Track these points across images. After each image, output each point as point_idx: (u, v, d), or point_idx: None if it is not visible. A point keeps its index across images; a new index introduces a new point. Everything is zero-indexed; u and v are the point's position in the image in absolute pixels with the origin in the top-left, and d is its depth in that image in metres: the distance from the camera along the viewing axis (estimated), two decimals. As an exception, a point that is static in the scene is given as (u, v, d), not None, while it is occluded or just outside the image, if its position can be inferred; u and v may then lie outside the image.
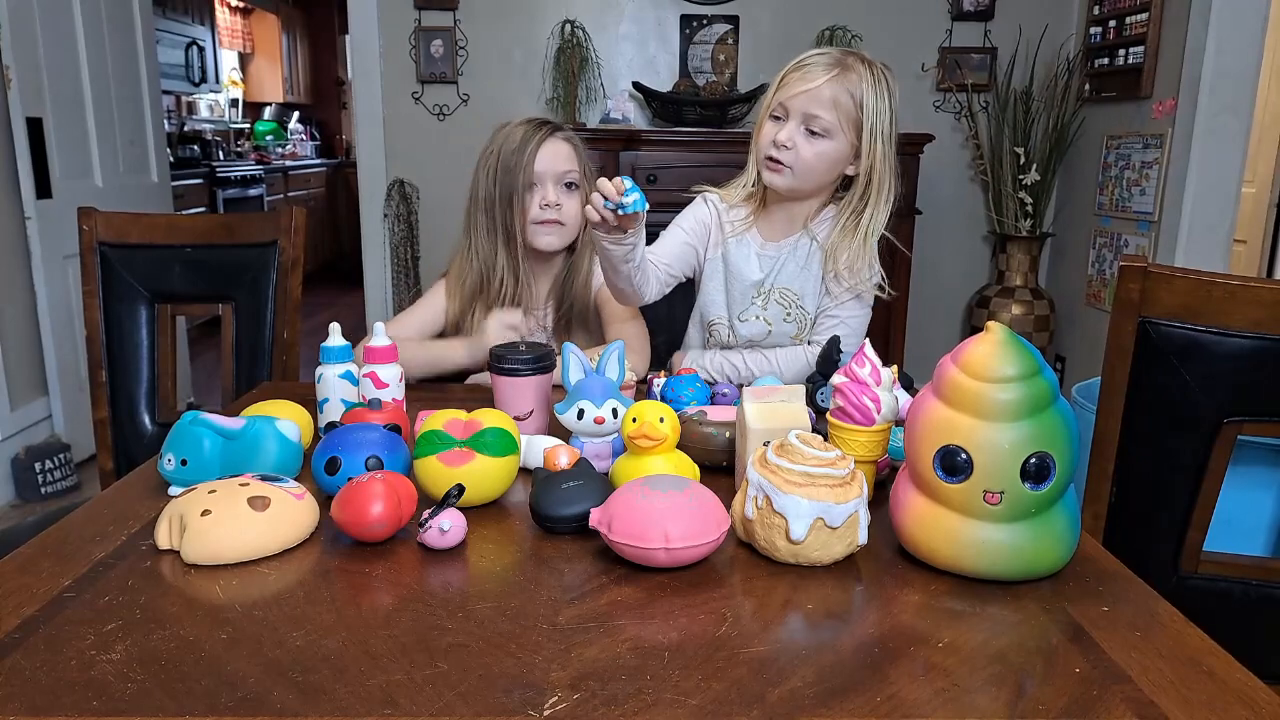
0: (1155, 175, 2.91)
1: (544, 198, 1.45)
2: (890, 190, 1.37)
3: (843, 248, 1.39)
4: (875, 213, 1.37)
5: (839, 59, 1.32)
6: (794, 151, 1.33)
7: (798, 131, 1.32)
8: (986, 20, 3.42)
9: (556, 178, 1.46)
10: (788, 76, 1.34)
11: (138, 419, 1.57)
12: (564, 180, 1.47)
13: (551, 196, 1.45)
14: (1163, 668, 0.63)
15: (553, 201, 1.45)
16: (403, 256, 3.55)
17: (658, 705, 0.58)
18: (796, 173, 1.34)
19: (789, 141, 1.32)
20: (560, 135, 1.48)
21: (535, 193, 1.46)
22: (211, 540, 0.76)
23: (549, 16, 3.41)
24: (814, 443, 0.78)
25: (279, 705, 0.57)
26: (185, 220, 1.70)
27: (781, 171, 1.35)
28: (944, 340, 3.54)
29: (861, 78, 1.31)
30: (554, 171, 1.46)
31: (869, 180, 1.36)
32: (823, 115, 1.30)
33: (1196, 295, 1.00)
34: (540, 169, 1.45)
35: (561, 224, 1.47)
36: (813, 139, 1.32)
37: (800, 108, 1.31)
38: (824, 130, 1.31)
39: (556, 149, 1.46)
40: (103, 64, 3.08)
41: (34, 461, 2.72)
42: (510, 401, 1.08)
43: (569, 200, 1.47)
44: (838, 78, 1.30)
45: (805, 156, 1.33)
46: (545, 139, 1.45)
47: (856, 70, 1.31)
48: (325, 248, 6.89)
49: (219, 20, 6.41)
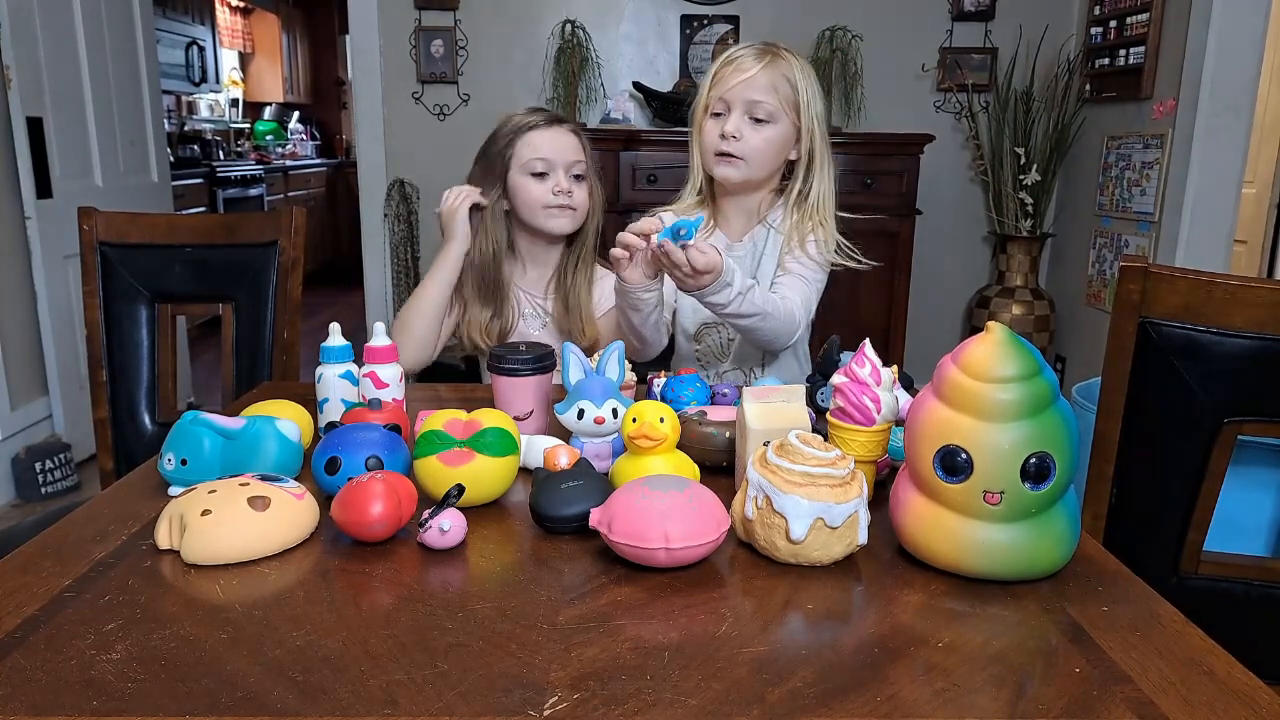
0: (1155, 175, 2.91)
1: (556, 184, 1.47)
2: (830, 165, 1.41)
3: (800, 227, 1.41)
4: (821, 187, 1.41)
5: (766, 48, 1.38)
6: (743, 142, 1.35)
7: (743, 121, 1.35)
8: (987, 20, 3.42)
9: (567, 166, 1.48)
10: (720, 72, 1.38)
11: (138, 419, 1.57)
12: (573, 171, 1.49)
13: (564, 184, 1.47)
14: (1163, 668, 0.63)
15: (565, 188, 1.47)
16: (403, 256, 3.55)
17: (658, 705, 0.58)
18: (749, 162, 1.37)
19: (737, 132, 1.35)
20: (568, 126, 1.50)
21: (546, 180, 1.47)
22: (211, 540, 0.76)
23: (549, 16, 3.41)
24: (814, 443, 0.78)
25: (279, 705, 0.57)
26: (185, 220, 1.70)
27: (734, 163, 1.37)
28: (944, 340, 3.54)
29: (790, 63, 1.37)
30: (564, 161, 1.48)
31: (810, 159, 1.40)
32: (765, 100, 1.34)
33: (1197, 295, 1.00)
34: (550, 156, 1.47)
35: (573, 209, 1.49)
36: (758, 126, 1.36)
37: (741, 97, 1.35)
38: (768, 115, 1.35)
39: (563, 138, 1.48)
40: (103, 64, 3.08)
41: (34, 461, 2.72)
42: (510, 401, 1.08)
43: (578, 189, 1.49)
44: (771, 64, 1.35)
45: (754, 144, 1.36)
46: (544, 125, 1.48)
47: (785, 56, 1.38)
48: (325, 248, 6.89)
49: (219, 20, 6.42)
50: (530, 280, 1.58)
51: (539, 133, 1.47)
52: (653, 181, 3.11)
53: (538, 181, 1.47)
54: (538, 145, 1.47)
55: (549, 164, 1.47)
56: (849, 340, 1.04)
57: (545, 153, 1.47)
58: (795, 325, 1.36)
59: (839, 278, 1.51)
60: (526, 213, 1.50)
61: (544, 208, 1.48)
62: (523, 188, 1.48)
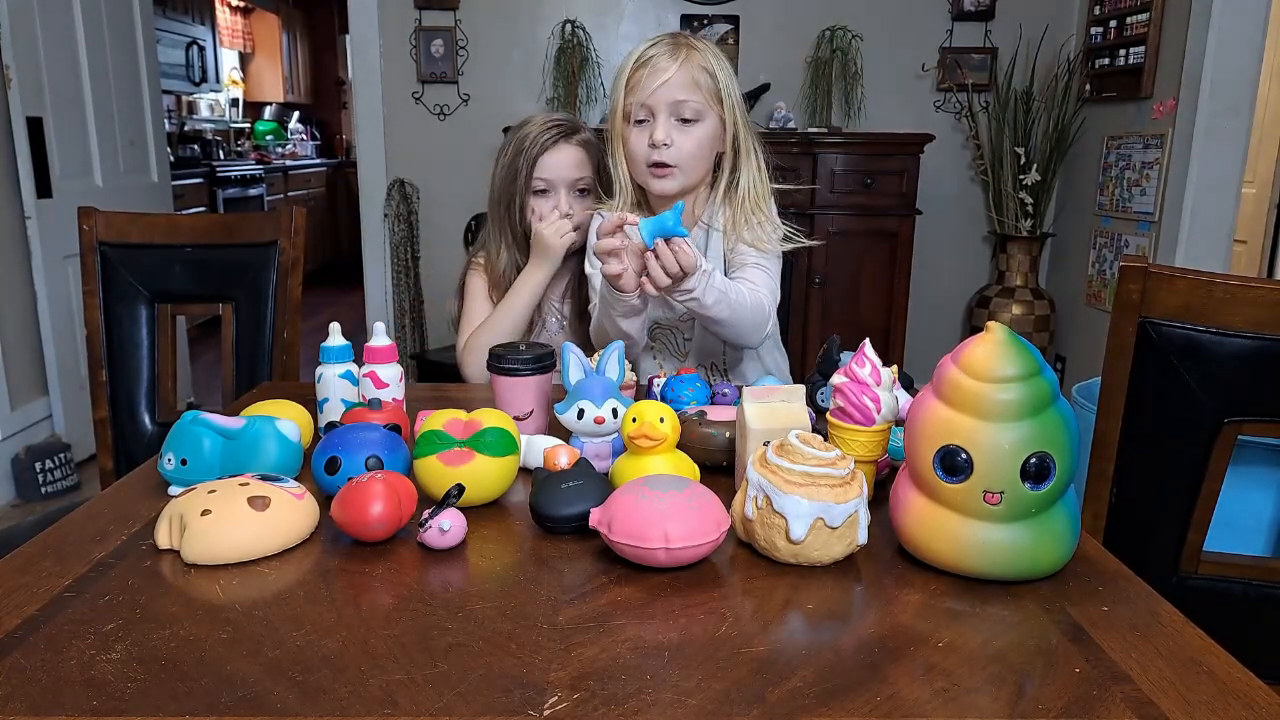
0: (1155, 175, 2.91)
1: (556, 206, 1.46)
2: (756, 151, 1.36)
3: (736, 220, 1.36)
4: (749, 175, 1.35)
5: (676, 42, 1.30)
6: (675, 148, 1.29)
7: (672, 125, 1.28)
8: (987, 20, 3.42)
9: (569, 185, 1.47)
10: (635, 76, 1.29)
11: (138, 419, 1.57)
12: (576, 187, 1.48)
13: (564, 205, 1.46)
14: (1163, 668, 0.63)
15: (565, 211, 1.46)
16: (403, 256, 3.55)
17: (658, 705, 0.58)
18: (683, 169, 1.31)
19: (667, 139, 1.28)
20: (575, 139, 1.48)
21: (548, 199, 1.47)
22: (211, 540, 0.76)
23: (549, 16, 3.41)
24: (814, 443, 0.78)
25: (279, 705, 0.57)
26: (185, 220, 1.69)
27: (670, 173, 1.31)
28: (944, 340, 3.54)
29: (704, 53, 1.30)
30: (565, 179, 1.46)
31: (735, 149, 1.35)
32: (690, 99, 1.28)
33: (1196, 295, 1.00)
34: (551, 177, 1.46)
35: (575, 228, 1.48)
36: (687, 127, 1.29)
37: (664, 99, 1.28)
38: (695, 114, 1.29)
39: (568, 155, 1.47)
40: (103, 64, 3.08)
41: (34, 461, 2.72)
42: (510, 401, 1.08)
43: (580, 204, 1.49)
44: (687, 60, 1.28)
45: (687, 149, 1.30)
46: (551, 145, 1.46)
47: (697, 47, 1.30)
48: (325, 248, 6.89)
49: (219, 20, 6.42)
50: (551, 285, 1.57)
51: (546, 156, 1.46)
52: (653, 181, 3.11)
53: (540, 200, 1.48)
54: (542, 166, 1.46)
55: (550, 184, 1.46)
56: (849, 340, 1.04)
57: (547, 174, 1.46)
58: (765, 316, 1.30)
59: (839, 278, 1.51)
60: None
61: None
62: (530, 207, 1.49)
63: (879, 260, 3.15)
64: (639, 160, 1.32)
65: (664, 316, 1.44)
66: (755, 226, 1.35)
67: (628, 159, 1.35)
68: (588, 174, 1.48)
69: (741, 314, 1.25)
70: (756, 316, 1.28)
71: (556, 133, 1.46)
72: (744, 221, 1.35)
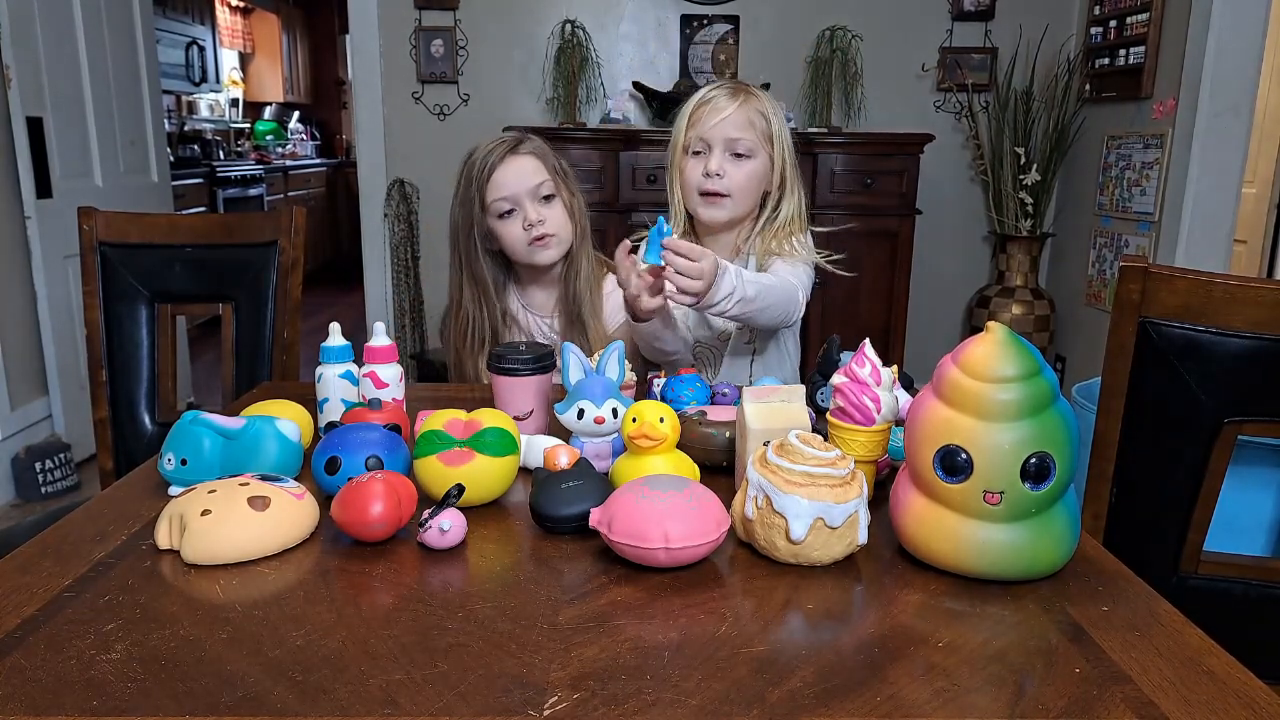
0: (1155, 175, 2.91)
1: (525, 219, 1.44)
2: (799, 191, 1.45)
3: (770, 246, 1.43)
4: (791, 207, 1.44)
5: (737, 88, 1.42)
6: (727, 179, 1.38)
7: (725, 159, 1.38)
8: (987, 20, 3.42)
9: (530, 193, 1.45)
10: (697, 113, 1.40)
11: (138, 419, 1.57)
12: (539, 195, 1.45)
13: (532, 215, 1.44)
14: (1163, 668, 0.63)
15: (534, 220, 1.44)
16: (403, 256, 3.55)
17: (658, 705, 0.58)
18: (734, 199, 1.40)
19: (720, 170, 1.38)
20: (522, 150, 1.46)
21: (514, 218, 1.45)
22: (211, 540, 0.76)
23: (549, 16, 3.41)
24: (814, 443, 0.78)
25: (279, 705, 0.57)
26: (185, 220, 1.70)
27: (720, 203, 1.40)
28: (944, 340, 3.54)
29: (761, 99, 1.42)
30: (525, 188, 1.44)
31: (781, 187, 1.43)
32: (744, 136, 1.38)
33: (1196, 295, 1.00)
34: (509, 192, 1.44)
35: (552, 235, 1.46)
36: (739, 162, 1.39)
37: (721, 136, 1.38)
38: (748, 151, 1.39)
39: (520, 165, 1.45)
40: (103, 64, 3.08)
41: (34, 461, 2.72)
42: (510, 401, 1.08)
43: (550, 211, 1.46)
44: (745, 102, 1.39)
45: (738, 180, 1.39)
46: (500, 161, 1.44)
47: (755, 94, 1.42)
48: (325, 248, 6.89)
49: (219, 20, 6.42)
50: (537, 303, 1.57)
51: (499, 171, 1.44)
52: (653, 181, 3.11)
53: (510, 222, 1.45)
54: (499, 185, 1.44)
55: (512, 199, 1.44)
56: (849, 340, 1.04)
57: (505, 191, 1.44)
58: (793, 290, 1.35)
59: (838, 278, 1.51)
60: (513, 254, 1.49)
61: (526, 246, 1.46)
62: (501, 233, 1.47)
63: (879, 260, 3.15)
64: (692, 188, 1.41)
65: (703, 336, 1.48)
66: (788, 249, 1.43)
67: (683, 187, 1.44)
68: (546, 178, 1.46)
69: (774, 295, 1.30)
70: (787, 294, 1.34)
71: (503, 148, 1.45)
72: (778, 247, 1.43)
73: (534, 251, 1.47)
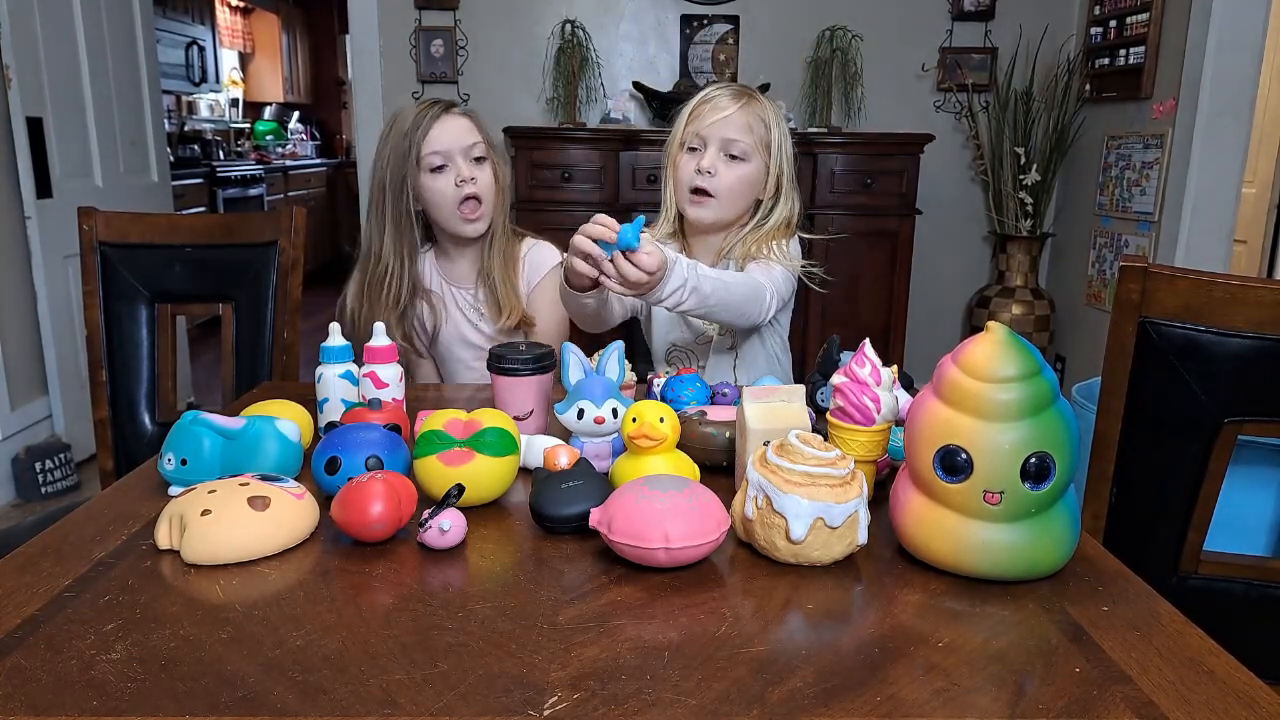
0: (1155, 175, 2.91)
1: (458, 175, 1.45)
2: (795, 201, 1.43)
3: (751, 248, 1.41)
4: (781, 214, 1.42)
5: (741, 90, 1.41)
6: (717, 178, 1.37)
7: (718, 158, 1.37)
8: (987, 20, 3.42)
9: (463, 152, 1.46)
10: (697, 110, 1.39)
11: (138, 419, 1.57)
12: (471, 155, 1.47)
13: (465, 171, 1.45)
14: (1163, 668, 0.63)
15: (466, 176, 1.45)
16: (403, 256, 3.55)
17: (658, 705, 0.58)
18: (720, 200, 1.38)
19: (712, 168, 1.37)
20: (455, 111, 1.48)
21: (445, 174, 1.46)
22: (211, 540, 0.76)
23: (549, 16, 3.41)
24: (814, 443, 0.78)
25: (279, 705, 0.57)
26: (185, 220, 1.70)
27: (706, 203, 1.39)
28: (944, 340, 3.54)
29: (764, 105, 1.41)
30: (460, 146, 1.46)
31: (775, 197, 1.42)
32: (740, 139, 1.37)
33: (1196, 295, 1.00)
34: (443, 148, 1.45)
35: (479, 196, 1.47)
36: (732, 163, 1.38)
37: (718, 134, 1.36)
38: (742, 154, 1.37)
39: (456, 124, 1.47)
40: (103, 64, 3.08)
41: (34, 461, 2.72)
42: (510, 401, 1.08)
43: (481, 173, 1.47)
44: (746, 106, 1.38)
45: (728, 181, 1.37)
46: (435, 120, 1.45)
47: (759, 99, 1.41)
48: (325, 248, 6.89)
49: (219, 20, 6.41)
50: (459, 275, 1.57)
51: (436, 127, 1.45)
52: (653, 181, 3.11)
53: (441, 177, 1.46)
54: (434, 139, 1.45)
55: (445, 155, 1.45)
56: (849, 340, 1.04)
57: (440, 145, 1.45)
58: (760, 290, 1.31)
59: (839, 278, 1.51)
60: (438, 214, 1.49)
61: (455, 208, 1.46)
62: (428, 188, 1.46)
63: (879, 260, 3.15)
64: (683, 184, 1.40)
65: (680, 338, 1.46)
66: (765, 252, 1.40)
67: (674, 182, 1.42)
68: (479, 139, 1.48)
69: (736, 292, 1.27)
70: (752, 292, 1.30)
71: (438, 108, 1.47)
72: (757, 250, 1.41)
73: (461, 222, 1.47)
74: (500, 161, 1.52)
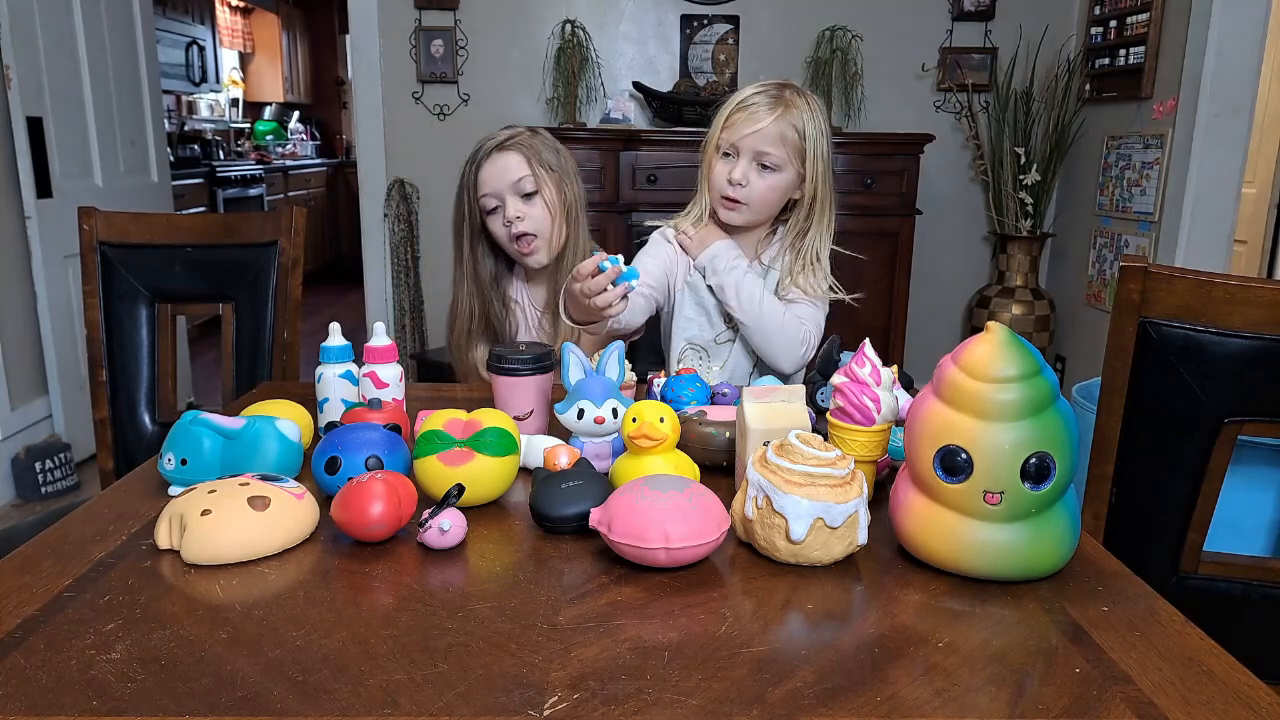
0: (1155, 175, 2.91)
1: (505, 216, 1.47)
2: (830, 212, 1.45)
3: (794, 269, 1.45)
4: (818, 234, 1.44)
5: (778, 95, 1.39)
6: (748, 188, 1.39)
7: (750, 169, 1.39)
8: (987, 20, 3.42)
9: (511, 188, 1.46)
10: (733, 117, 1.39)
11: (138, 419, 1.57)
12: (520, 191, 1.47)
13: (510, 212, 1.46)
14: (1163, 668, 0.63)
15: (510, 217, 1.46)
16: (403, 256, 3.55)
17: (658, 705, 0.58)
18: (752, 208, 1.41)
19: (744, 179, 1.38)
20: (507, 146, 1.48)
21: (499, 215, 1.48)
22: (211, 540, 0.76)
23: (549, 16, 3.41)
24: (814, 443, 0.78)
25: (279, 705, 0.57)
26: (185, 220, 1.69)
27: (738, 209, 1.41)
28: (944, 340, 3.54)
29: (801, 110, 1.39)
30: (507, 183, 1.46)
31: (812, 202, 1.43)
32: (772, 152, 1.37)
33: (1196, 295, 1.00)
34: (490, 189, 1.47)
35: (534, 236, 1.48)
36: (764, 173, 1.39)
37: (751, 146, 1.38)
38: (776, 165, 1.39)
39: (501, 162, 1.47)
40: (103, 64, 3.08)
41: (34, 461, 2.72)
42: (510, 401, 1.08)
43: (531, 209, 1.47)
44: (782, 115, 1.38)
45: (759, 190, 1.39)
46: (485, 159, 1.47)
47: (796, 104, 1.39)
48: (325, 248, 6.89)
49: (219, 20, 6.41)
50: (538, 298, 1.59)
51: (484, 168, 1.47)
52: (653, 181, 3.11)
53: (494, 218, 1.49)
54: (483, 181, 1.47)
55: (495, 195, 1.47)
56: (849, 340, 1.04)
57: (488, 188, 1.47)
58: (801, 339, 1.40)
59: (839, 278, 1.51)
60: (505, 249, 1.53)
61: (512, 245, 1.49)
62: (489, 228, 1.51)
63: (879, 260, 3.15)
64: (716, 189, 1.43)
65: (697, 335, 1.46)
66: (810, 275, 1.44)
67: (709, 183, 1.45)
68: (527, 173, 1.47)
69: (772, 322, 1.38)
70: (790, 335, 1.40)
71: (491, 146, 1.48)
72: (800, 270, 1.44)
73: (521, 255, 1.51)
74: (563, 183, 1.50)
